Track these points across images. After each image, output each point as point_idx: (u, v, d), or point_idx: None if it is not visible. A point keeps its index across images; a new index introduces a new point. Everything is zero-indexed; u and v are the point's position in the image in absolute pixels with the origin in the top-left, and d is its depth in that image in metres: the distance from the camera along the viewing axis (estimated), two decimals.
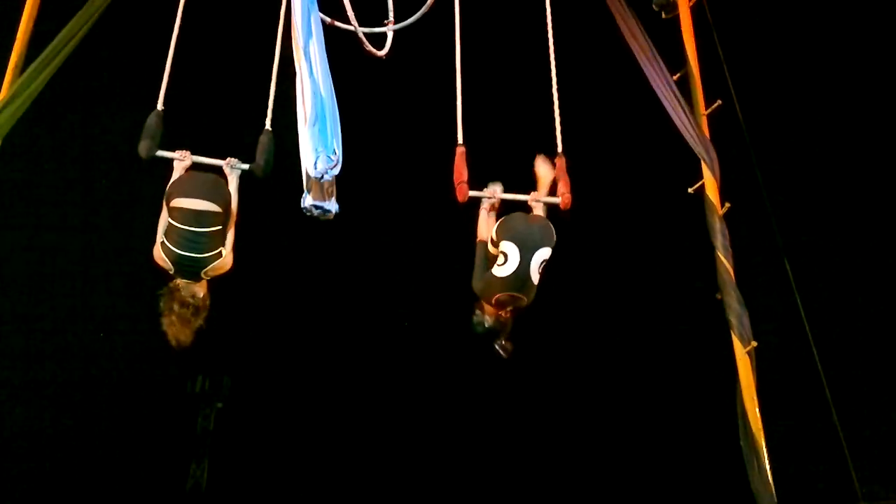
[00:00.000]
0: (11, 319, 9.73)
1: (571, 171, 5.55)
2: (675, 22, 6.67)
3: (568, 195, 5.42)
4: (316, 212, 5.39)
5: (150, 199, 5.34)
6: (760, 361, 5.37)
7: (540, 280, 5.20)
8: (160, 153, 5.23)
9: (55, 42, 5.81)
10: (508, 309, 5.22)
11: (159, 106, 5.42)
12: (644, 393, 10.08)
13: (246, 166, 5.36)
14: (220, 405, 11.32)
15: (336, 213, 5.41)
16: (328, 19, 5.99)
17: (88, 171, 9.93)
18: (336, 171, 5.39)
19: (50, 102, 6.55)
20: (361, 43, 5.70)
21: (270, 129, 5.48)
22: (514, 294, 5.15)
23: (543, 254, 5.20)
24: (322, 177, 5.32)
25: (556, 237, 5.32)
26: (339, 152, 5.43)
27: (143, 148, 5.20)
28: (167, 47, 5.60)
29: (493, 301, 5.19)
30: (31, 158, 9.24)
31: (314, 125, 5.46)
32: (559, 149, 5.65)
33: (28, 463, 9.86)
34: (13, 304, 9.77)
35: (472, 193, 5.49)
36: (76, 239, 10.02)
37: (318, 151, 5.36)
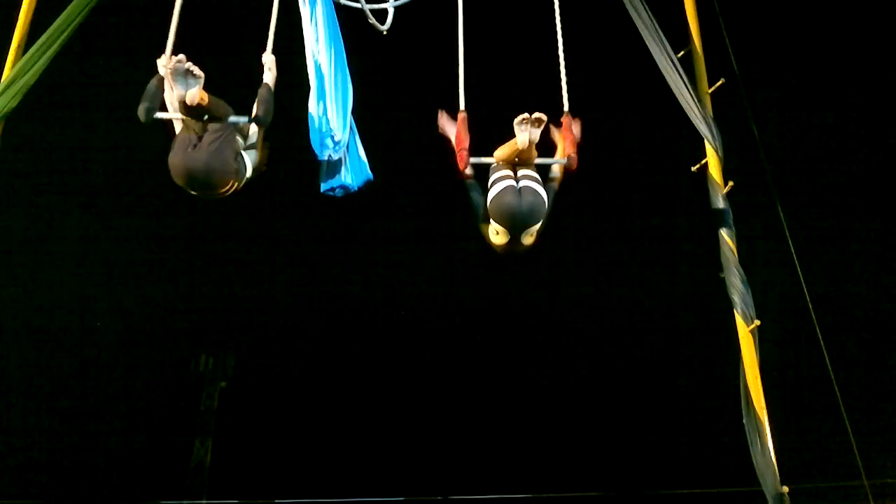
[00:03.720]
0: (20, 298, 9.78)
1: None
2: (679, 0, 6.63)
3: (574, 156, 5.37)
4: (336, 193, 5.42)
5: (154, 190, 5.34)
6: (763, 340, 5.39)
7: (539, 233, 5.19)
8: (159, 115, 5.18)
9: (58, 22, 5.79)
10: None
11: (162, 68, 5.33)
12: (647, 371, 10.12)
13: (245, 119, 5.27)
14: (223, 384, 11.38)
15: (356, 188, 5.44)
16: None
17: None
18: (338, 151, 5.40)
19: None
20: (366, 18, 5.70)
21: (269, 83, 5.38)
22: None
23: (533, 229, 5.18)
24: (328, 157, 5.33)
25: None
26: (342, 133, 5.43)
27: (141, 110, 5.09)
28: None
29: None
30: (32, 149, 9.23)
31: (317, 104, 5.47)
32: (566, 108, 5.61)
33: (35, 440, 9.94)
34: (21, 284, 9.81)
35: (473, 160, 5.45)
36: (80, 223, 10.03)
37: (321, 132, 5.38)
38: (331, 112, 5.50)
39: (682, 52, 6.25)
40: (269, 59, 5.49)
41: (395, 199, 10.55)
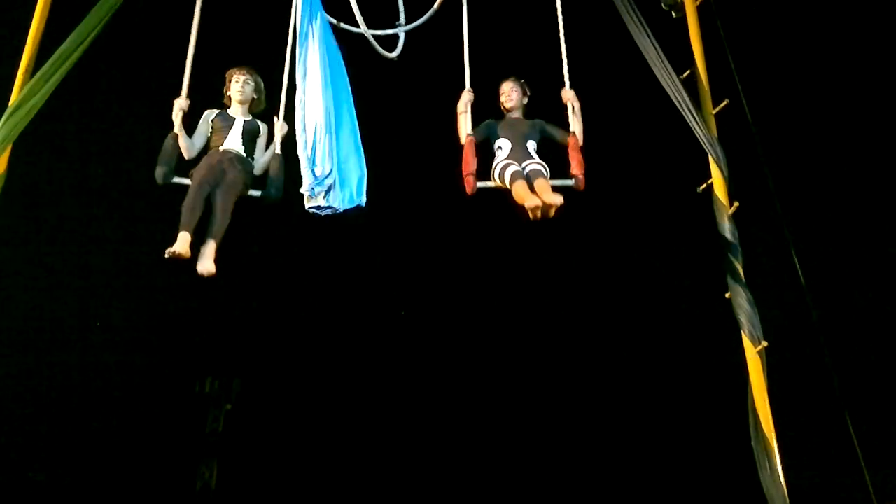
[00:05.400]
0: (22, 320, 9.78)
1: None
2: (683, 22, 6.66)
3: (582, 177, 5.45)
4: (322, 213, 5.42)
5: (162, 207, 5.37)
6: (771, 361, 5.36)
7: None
8: (176, 179, 5.32)
9: (65, 45, 5.83)
10: None
11: (176, 127, 5.46)
12: (655, 394, 10.07)
13: (258, 193, 5.40)
14: (229, 407, 11.35)
15: (343, 210, 5.44)
16: (333, 20, 6.01)
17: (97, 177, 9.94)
18: (324, 185, 5.40)
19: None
20: (372, 45, 5.73)
21: (280, 152, 5.55)
22: None
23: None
24: (312, 190, 5.34)
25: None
26: (331, 165, 5.43)
27: (159, 174, 5.36)
28: (175, 59, 5.65)
29: None
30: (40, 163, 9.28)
31: (302, 133, 5.49)
32: (571, 127, 5.68)
33: (40, 463, 9.91)
34: (24, 307, 9.82)
35: (480, 184, 5.51)
36: (86, 244, 10.06)
37: (305, 164, 5.40)
38: (319, 147, 5.48)
39: (685, 74, 6.28)
40: (279, 125, 5.56)
41: (401, 222, 10.58)
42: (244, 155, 5.56)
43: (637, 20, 6.28)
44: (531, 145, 5.68)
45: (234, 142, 5.56)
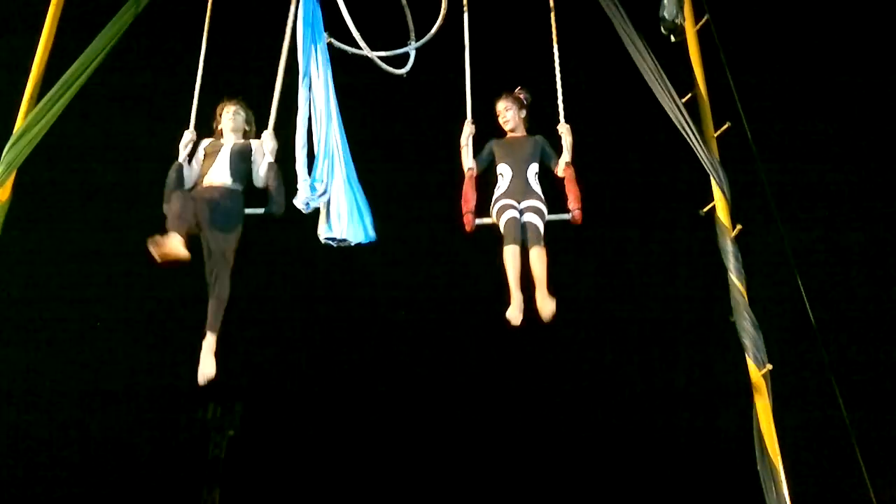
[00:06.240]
0: (25, 345, 9.77)
1: (582, 196, 5.57)
2: (684, 45, 6.70)
3: (578, 211, 5.48)
4: (334, 244, 5.42)
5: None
6: (776, 384, 5.32)
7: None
8: None
9: (70, 71, 5.88)
10: None
11: (180, 157, 5.52)
12: (660, 418, 10.01)
13: (260, 211, 5.40)
14: (231, 433, 11.30)
15: (355, 243, 5.44)
16: (343, 46, 6.04)
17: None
18: (321, 199, 5.40)
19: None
20: (378, 65, 5.76)
21: (273, 161, 5.56)
22: None
23: None
24: (307, 205, 5.34)
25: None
26: (327, 180, 5.44)
27: (167, 210, 5.29)
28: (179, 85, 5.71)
29: None
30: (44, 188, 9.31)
31: (303, 149, 5.50)
32: (567, 158, 5.72)
33: (42, 490, 9.86)
34: (27, 332, 9.81)
35: (479, 221, 5.54)
36: (92, 268, 10.07)
37: (304, 181, 5.40)
38: (320, 164, 5.49)
39: (686, 98, 6.30)
40: (268, 137, 5.57)
41: (405, 247, 10.59)
42: (230, 184, 5.44)
43: (638, 44, 6.32)
44: (532, 172, 5.64)
45: (221, 167, 5.46)
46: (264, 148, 5.57)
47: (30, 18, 6.50)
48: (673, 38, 6.78)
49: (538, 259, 5.31)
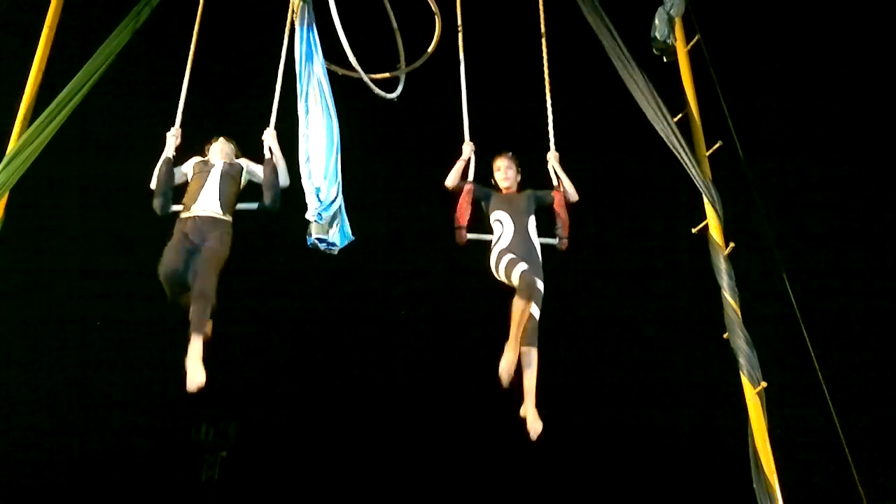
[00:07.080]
0: (19, 364, 9.73)
1: (577, 215, 5.61)
2: (675, 66, 6.75)
3: (566, 241, 5.52)
4: (321, 246, 5.42)
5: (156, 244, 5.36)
6: (771, 402, 5.32)
7: None
8: (175, 208, 5.39)
9: (63, 93, 5.90)
10: None
11: (169, 152, 5.53)
12: (654, 437, 9.99)
13: (254, 205, 5.43)
14: (224, 454, 11.22)
15: (341, 248, 5.45)
16: (334, 67, 6.09)
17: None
18: (330, 211, 5.42)
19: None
20: (371, 89, 5.81)
21: (271, 157, 5.61)
22: None
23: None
24: (317, 215, 5.35)
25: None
26: (333, 192, 5.47)
27: (157, 206, 5.42)
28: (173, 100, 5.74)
29: None
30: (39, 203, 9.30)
31: (306, 164, 5.53)
32: (555, 182, 5.76)
33: None
34: (21, 352, 9.77)
35: (471, 236, 5.55)
36: (85, 284, 10.05)
37: (310, 191, 5.42)
38: (317, 174, 5.52)
39: (678, 117, 6.33)
40: (270, 136, 5.63)
41: (395, 260, 10.60)
42: (220, 214, 5.37)
43: (630, 65, 6.37)
44: (531, 224, 5.55)
45: (210, 194, 5.39)
46: (265, 143, 5.63)
47: (25, 37, 6.54)
48: (665, 59, 6.84)
49: (531, 365, 5.17)
